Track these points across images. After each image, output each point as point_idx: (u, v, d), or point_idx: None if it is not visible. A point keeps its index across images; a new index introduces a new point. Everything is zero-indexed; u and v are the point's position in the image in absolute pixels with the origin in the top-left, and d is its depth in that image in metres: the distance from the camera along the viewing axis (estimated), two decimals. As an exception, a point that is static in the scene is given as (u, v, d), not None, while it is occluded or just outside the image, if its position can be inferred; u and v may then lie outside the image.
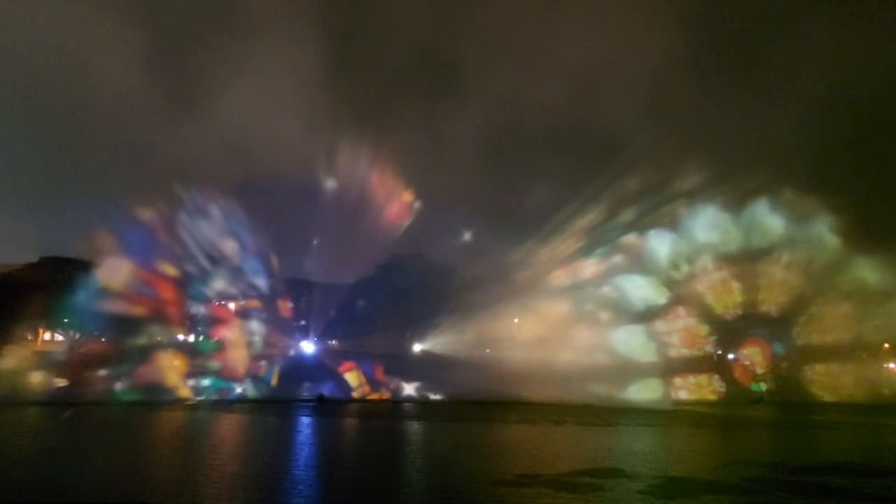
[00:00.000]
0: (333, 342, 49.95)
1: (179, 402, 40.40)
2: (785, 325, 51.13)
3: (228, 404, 40.45)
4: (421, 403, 43.46)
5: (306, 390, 44.45)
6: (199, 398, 42.30)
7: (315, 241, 49.46)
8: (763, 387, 51.19)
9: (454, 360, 46.89)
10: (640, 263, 50.55)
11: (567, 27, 69.59)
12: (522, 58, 69.37)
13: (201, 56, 55.42)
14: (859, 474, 17.58)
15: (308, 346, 49.54)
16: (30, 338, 46.87)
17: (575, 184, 52.62)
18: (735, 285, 51.05)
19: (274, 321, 48.44)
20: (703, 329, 51.33)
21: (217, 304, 47.81)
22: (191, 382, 43.51)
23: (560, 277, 49.82)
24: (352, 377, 47.50)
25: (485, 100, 55.76)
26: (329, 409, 38.09)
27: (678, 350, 49.99)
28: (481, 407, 39.77)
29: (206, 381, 43.87)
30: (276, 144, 48.43)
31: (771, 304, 51.19)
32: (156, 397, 40.48)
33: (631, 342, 47.25)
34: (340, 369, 47.74)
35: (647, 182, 51.43)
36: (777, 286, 51.18)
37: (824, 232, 50.86)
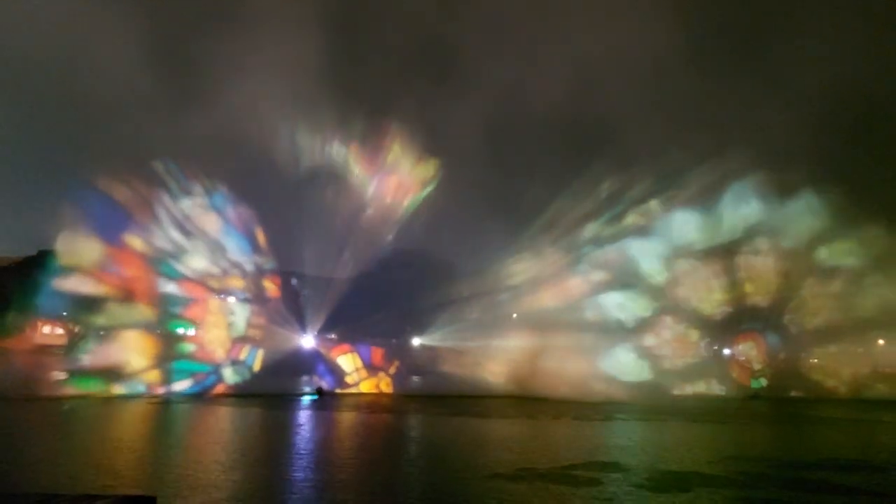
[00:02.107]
0: (333, 336, 49.76)
1: (147, 394, 38.15)
2: (776, 314, 50.17)
3: (206, 397, 38.34)
4: (418, 397, 43.58)
5: (304, 383, 44.46)
6: (170, 388, 39.63)
7: (314, 235, 49.06)
8: (764, 382, 50.52)
9: (453, 353, 47.00)
10: (620, 276, 49.24)
11: (567, 17, 69.37)
12: (522, 49, 69.18)
13: (199, 46, 55.23)
14: (855, 469, 17.73)
15: (307, 341, 48.97)
16: (28, 331, 46.52)
17: (561, 185, 51.47)
18: (718, 282, 49.96)
19: (259, 301, 45.59)
20: (694, 334, 50.39)
21: (193, 281, 44.15)
22: (161, 367, 40.52)
23: (540, 301, 48.45)
24: (346, 361, 45.88)
25: (487, 91, 55.66)
26: (328, 402, 38.24)
27: (672, 361, 48.99)
28: (479, 400, 40.00)
29: (177, 366, 40.98)
30: (272, 137, 47.93)
31: (758, 294, 50.14)
32: (114, 385, 37.86)
33: (622, 363, 46.31)
34: (334, 352, 46.34)
35: (629, 183, 50.32)
36: (761, 275, 50.12)
37: (801, 211, 49.74)
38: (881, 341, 51.37)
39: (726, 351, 53.14)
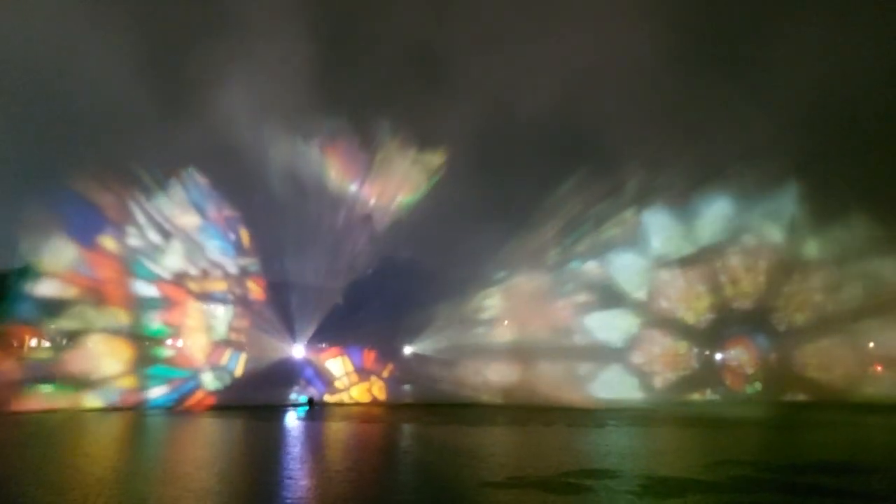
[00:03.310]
0: (323, 345, 49.36)
1: (120, 404, 36.24)
2: (762, 314, 49.57)
3: (187, 408, 36.85)
4: (410, 405, 43.31)
5: (294, 392, 43.88)
6: (145, 396, 37.70)
7: (303, 243, 48.64)
8: (758, 386, 50.11)
9: (445, 362, 46.76)
10: (603, 294, 48.53)
11: (554, 25, 69.65)
12: (511, 57, 69.39)
13: (188, 55, 54.87)
14: (846, 472, 17.73)
15: (298, 350, 48.32)
16: (15, 344, 45.58)
17: (545, 195, 50.28)
18: (701, 289, 49.38)
19: (242, 303, 43.79)
20: (682, 345, 49.82)
21: (171, 283, 42.10)
22: (135, 373, 38.59)
23: (524, 328, 47.48)
24: (336, 365, 44.50)
25: (476, 99, 55.54)
26: (318, 413, 37.90)
27: (664, 376, 48.57)
28: (470, 409, 39.81)
29: (153, 371, 38.97)
30: (259, 145, 47.58)
31: (742, 297, 49.65)
32: (83, 393, 35.96)
33: (612, 385, 45.82)
34: (323, 356, 44.91)
35: (609, 195, 49.48)
36: (742, 277, 49.58)
37: (775, 207, 49.48)
38: (872, 330, 50.00)
39: (718, 356, 52.78)
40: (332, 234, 49.38)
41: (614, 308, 48.80)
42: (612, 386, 45.91)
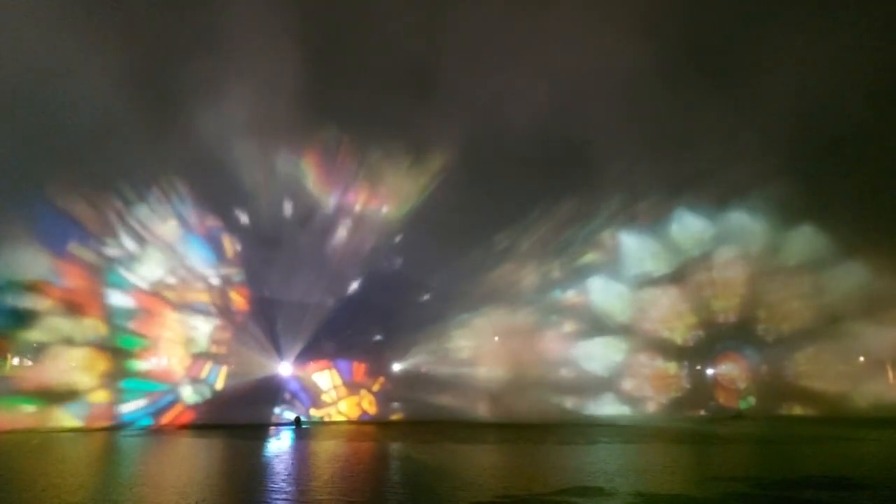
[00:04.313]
0: (310, 363, 48.73)
1: (91, 422, 34.59)
2: (749, 327, 49.29)
3: (165, 427, 35.29)
4: (398, 423, 42.74)
5: (280, 411, 43.17)
6: (118, 412, 36.34)
7: (291, 260, 48.25)
8: (752, 401, 49.63)
9: (433, 379, 46.30)
10: (587, 323, 47.88)
11: (544, 36, 69.80)
12: (500, 70, 69.40)
13: (176, 68, 54.57)
14: (837, 487, 17.52)
15: (285, 368, 47.50)
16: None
17: (530, 215, 49.93)
18: (685, 306, 48.96)
19: (225, 314, 42.67)
20: (672, 367, 49.26)
21: (148, 293, 41.02)
22: (109, 387, 37.24)
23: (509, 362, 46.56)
24: (323, 378, 43.35)
25: (466, 112, 55.40)
26: (306, 432, 37.27)
27: (656, 400, 47.90)
28: (459, 427, 39.31)
29: (128, 384, 37.63)
30: (247, 161, 47.32)
31: (727, 311, 49.39)
32: (52, 409, 34.49)
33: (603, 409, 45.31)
34: (310, 369, 43.79)
35: (590, 218, 49.30)
36: (724, 291, 49.29)
37: (748, 218, 49.24)
38: (858, 332, 49.14)
39: (710, 371, 52.47)
40: (321, 249, 49.07)
41: (598, 336, 47.98)
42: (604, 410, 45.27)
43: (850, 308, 47.38)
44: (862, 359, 49.86)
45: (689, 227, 50.12)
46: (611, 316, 48.79)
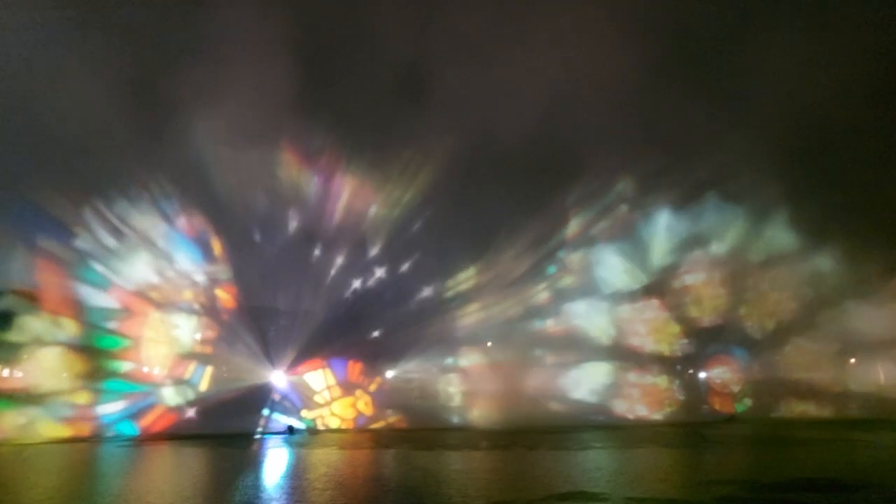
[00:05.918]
0: (302, 363, 48.09)
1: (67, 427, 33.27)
2: (735, 327, 48.35)
3: (147, 435, 34.01)
4: (391, 430, 42.41)
5: (273, 420, 42.71)
6: (97, 416, 35.05)
7: (283, 268, 47.94)
8: (748, 403, 48.94)
9: (426, 386, 46.06)
10: (573, 348, 46.53)
11: (536, 40, 69.73)
12: (493, 74, 69.31)
13: (167, 74, 54.25)
14: (830, 490, 17.45)
15: (279, 378, 46.74)
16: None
17: (520, 225, 48.63)
18: (668, 315, 47.95)
19: (210, 313, 41.23)
20: (663, 381, 48.11)
21: (128, 291, 39.32)
22: (86, 388, 35.82)
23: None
24: (316, 378, 42.16)
25: (458, 118, 55.19)
26: (299, 440, 36.89)
27: (651, 418, 46.40)
28: (452, 432, 39.05)
29: (107, 386, 36.16)
30: (239, 168, 47.02)
31: (710, 315, 48.45)
32: (24, 413, 33.13)
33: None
34: (302, 369, 42.66)
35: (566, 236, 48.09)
36: (704, 294, 48.33)
37: (718, 214, 48.15)
38: (842, 318, 48.09)
39: (702, 374, 51.90)
40: (311, 256, 48.86)
41: (584, 362, 46.78)
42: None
43: (832, 295, 46.61)
44: (853, 361, 49.66)
45: (659, 233, 49.07)
46: (593, 339, 47.36)
